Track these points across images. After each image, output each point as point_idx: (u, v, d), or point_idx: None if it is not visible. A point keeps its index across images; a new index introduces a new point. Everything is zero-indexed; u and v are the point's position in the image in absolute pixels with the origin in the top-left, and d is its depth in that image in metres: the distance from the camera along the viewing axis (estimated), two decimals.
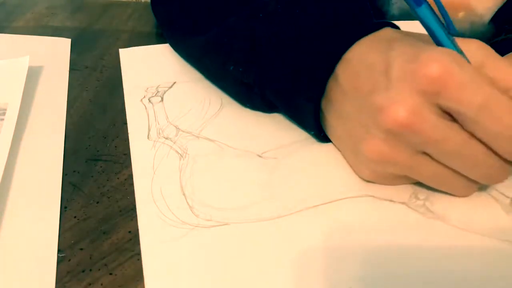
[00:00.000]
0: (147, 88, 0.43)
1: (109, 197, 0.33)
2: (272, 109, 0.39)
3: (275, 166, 0.34)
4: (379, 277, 0.27)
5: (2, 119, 0.38)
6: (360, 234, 0.29)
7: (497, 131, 0.26)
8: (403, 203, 0.31)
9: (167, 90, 0.43)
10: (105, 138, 0.38)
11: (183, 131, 0.38)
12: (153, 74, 0.46)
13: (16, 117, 0.38)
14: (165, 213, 0.31)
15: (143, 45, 0.52)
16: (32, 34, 0.53)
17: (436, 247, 0.29)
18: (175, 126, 0.38)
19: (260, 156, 0.35)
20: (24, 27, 0.56)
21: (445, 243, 0.29)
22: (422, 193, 0.32)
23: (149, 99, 0.42)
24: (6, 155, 0.34)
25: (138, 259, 0.28)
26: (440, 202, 0.31)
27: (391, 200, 0.31)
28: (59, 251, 0.29)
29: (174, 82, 0.44)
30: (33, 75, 0.45)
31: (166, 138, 0.37)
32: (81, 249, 0.29)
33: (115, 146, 0.37)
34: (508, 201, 0.31)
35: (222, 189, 0.33)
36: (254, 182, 0.33)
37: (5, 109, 0.39)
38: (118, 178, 0.34)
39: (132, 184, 0.34)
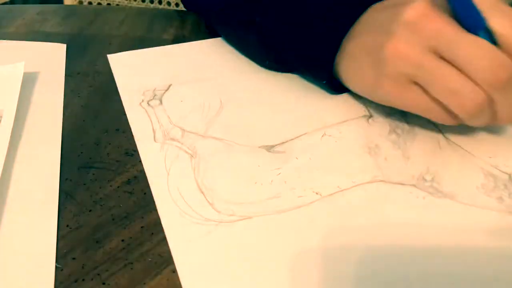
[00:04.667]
0: (144, 92, 0.44)
1: (101, 205, 0.32)
2: (286, 69, 0.46)
3: (286, 159, 0.36)
4: (394, 255, 0.28)
5: None
6: (374, 215, 0.31)
7: None
8: (412, 185, 0.33)
9: (164, 93, 0.44)
10: (97, 145, 0.38)
11: (189, 132, 0.39)
12: (148, 78, 0.46)
13: (12, 124, 0.37)
14: (187, 211, 0.32)
15: (137, 49, 0.52)
16: (23, 40, 0.53)
17: (447, 223, 0.31)
18: (180, 128, 0.39)
19: (269, 151, 0.36)
20: (15, 33, 0.55)
21: (455, 220, 0.31)
22: (429, 174, 0.34)
23: (148, 103, 0.43)
24: (2, 163, 0.34)
25: (132, 268, 0.28)
26: (446, 182, 0.34)
27: (401, 183, 0.33)
28: None
29: (170, 85, 0.45)
30: (28, 81, 0.45)
31: (173, 140, 0.38)
32: (74, 258, 0.29)
33: (108, 153, 0.37)
34: (506, 176, 0.34)
35: (239, 185, 0.34)
36: (268, 177, 0.34)
37: (1, 116, 0.38)
38: (111, 186, 0.34)
39: (125, 192, 0.33)
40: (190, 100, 0.43)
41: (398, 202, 0.32)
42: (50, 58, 0.50)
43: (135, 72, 0.47)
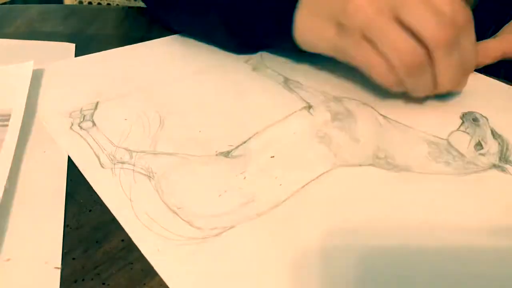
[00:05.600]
0: (71, 113, 0.41)
1: (101, 205, 0.32)
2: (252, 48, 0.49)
3: (247, 162, 0.35)
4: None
5: (7, 125, 0.37)
6: (344, 200, 0.32)
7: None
8: (371, 164, 0.35)
9: (93, 112, 0.41)
10: None
11: (137, 152, 0.36)
12: (71, 96, 0.43)
13: (20, 123, 0.37)
14: (167, 235, 0.30)
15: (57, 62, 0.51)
16: (23, 40, 0.53)
17: (412, 195, 0.32)
18: (125, 149, 0.37)
19: (227, 157, 0.36)
20: (16, 33, 0.55)
21: (416, 189, 0.33)
22: (381, 152, 0.36)
23: (79, 125, 0.39)
24: (10, 161, 0.34)
25: (131, 268, 0.28)
26: (398, 156, 0.36)
27: (360, 165, 0.35)
28: None
29: (98, 102, 0.42)
30: (37, 81, 0.44)
31: (123, 163, 0.35)
32: (74, 258, 0.29)
33: None
34: (445, 142, 0.37)
35: (209, 197, 0.32)
36: (236, 183, 0.33)
37: (9, 115, 0.38)
38: None
39: None
40: (125, 117, 0.40)
41: (363, 182, 0.33)
42: (59, 57, 0.50)
43: (56, 90, 0.44)
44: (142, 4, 0.56)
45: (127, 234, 0.30)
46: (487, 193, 0.32)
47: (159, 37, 0.54)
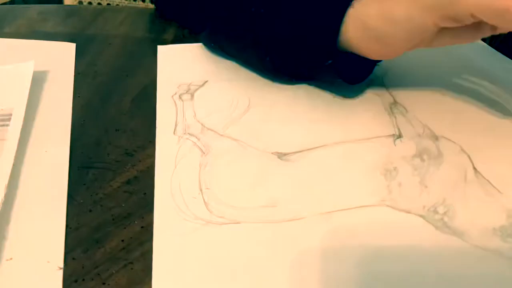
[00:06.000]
0: (179, 85, 0.45)
1: (101, 205, 0.33)
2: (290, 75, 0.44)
3: (295, 169, 0.35)
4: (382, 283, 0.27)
5: (8, 125, 0.37)
6: (370, 242, 0.30)
7: None
8: (420, 215, 0.31)
9: (198, 88, 0.44)
10: (97, 145, 0.38)
11: (208, 129, 0.39)
12: (187, 72, 0.47)
13: (21, 123, 0.37)
14: (181, 207, 0.32)
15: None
16: (23, 40, 0.53)
17: (448, 262, 0.28)
18: (201, 123, 0.40)
19: (280, 159, 0.36)
20: (16, 33, 0.55)
21: (456, 259, 0.28)
22: (443, 206, 0.32)
23: (179, 96, 0.43)
24: (12, 161, 0.34)
25: (132, 268, 0.28)
26: (460, 218, 0.31)
27: (408, 212, 0.31)
28: None
29: (206, 81, 0.45)
30: (38, 80, 0.45)
31: (191, 135, 0.38)
32: (74, 258, 0.29)
33: (108, 154, 0.37)
34: None
35: (238, 188, 0.33)
36: (271, 184, 0.34)
37: (11, 115, 0.38)
38: (111, 186, 0.34)
39: (125, 192, 0.34)
40: (220, 98, 0.43)
41: (397, 230, 0.30)
42: (59, 57, 0.50)
43: (178, 65, 0.48)
44: (142, 4, 0.56)
45: (127, 234, 0.30)
46: None
47: (158, 38, 0.55)
